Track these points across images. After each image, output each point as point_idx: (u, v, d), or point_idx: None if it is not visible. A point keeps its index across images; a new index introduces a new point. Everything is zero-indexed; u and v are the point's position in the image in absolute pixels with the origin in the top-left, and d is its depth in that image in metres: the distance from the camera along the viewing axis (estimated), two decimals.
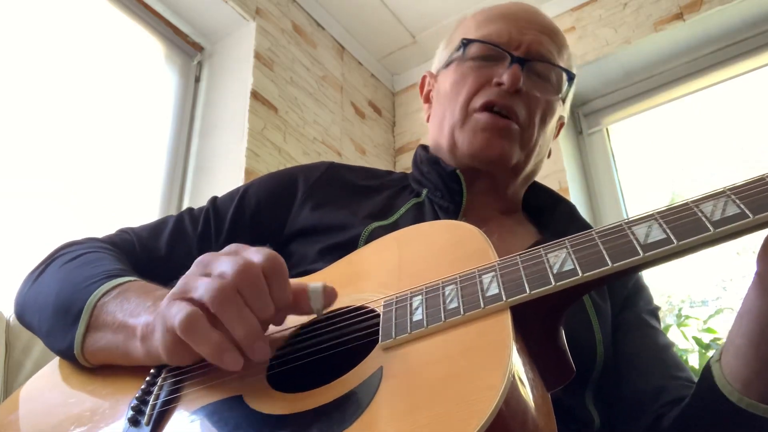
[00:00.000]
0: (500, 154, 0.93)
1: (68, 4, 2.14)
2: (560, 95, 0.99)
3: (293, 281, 0.61)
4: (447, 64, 1.02)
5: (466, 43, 0.97)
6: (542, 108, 0.96)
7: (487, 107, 0.93)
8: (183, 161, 2.39)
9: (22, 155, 1.83)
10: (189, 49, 2.57)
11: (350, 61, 3.12)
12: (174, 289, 0.59)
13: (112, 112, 2.17)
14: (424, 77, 1.11)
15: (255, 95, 2.40)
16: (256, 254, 0.59)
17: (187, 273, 0.60)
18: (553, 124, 1.00)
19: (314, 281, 0.63)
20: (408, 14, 3.00)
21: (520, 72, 0.92)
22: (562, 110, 1.04)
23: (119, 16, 2.32)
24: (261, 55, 2.51)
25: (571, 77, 0.99)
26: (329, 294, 0.62)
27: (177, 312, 0.56)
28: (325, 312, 0.63)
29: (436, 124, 1.02)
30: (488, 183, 0.96)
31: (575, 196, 2.52)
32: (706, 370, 0.70)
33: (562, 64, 0.98)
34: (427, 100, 1.09)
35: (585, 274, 0.52)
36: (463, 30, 1.02)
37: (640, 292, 0.96)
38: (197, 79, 2.58)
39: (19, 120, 1.86)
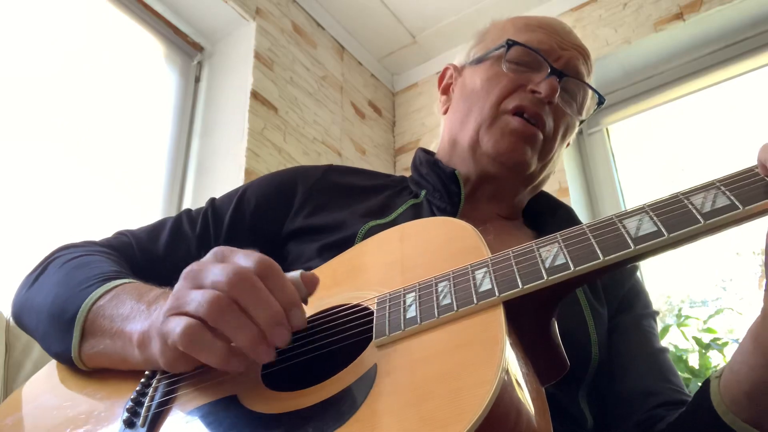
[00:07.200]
0: (521, 160, 0.93)
1: (68, 4, 2.14)
2: (581, 117, 1.00)
3: None
4: (479, 61, 1.01)
5: (511, 44, 0.97)
6: (566, 124, 0.97)
7: (518, 111, 0.93)
8: (183, 161, 2.39)
9: (21, 155, 1.84)
10: (189, 49, 2.57)
11: (350, 61, 3.12)
12: (167, 305, 0.58)
13: (112, 112, 2.17)
14: (446, 69, 1.09)
15: (255, 95, 2.40)
16: (245, 259, 0.58)
17: (177, 287, 0.59)
18: (568, 142, 1.02)
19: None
20: (408, 14, 3.00)
21: (557, 84, 0.93)
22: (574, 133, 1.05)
23: (119, 16, 2.32)
24: (261, 55, 2.51)
25: (601, 101, 1.01)
26: (309, 281, 0.61)
27: (175, 326, 0.55)
28: (319, 312, 0.63)
29: (457, 119, 1.00)
30: (493, 189, 0.97)
31: (575, 196, 2.52)
32: (705, 384, 0.70)
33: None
34: (446, 92, 1.08)
35: (577, 268, 0.53)
36: (499, 31, 1.02)
37: (637, 295, 0.96)
38: (197, 79, 2.58)
39: (19, 120, 1.86)
